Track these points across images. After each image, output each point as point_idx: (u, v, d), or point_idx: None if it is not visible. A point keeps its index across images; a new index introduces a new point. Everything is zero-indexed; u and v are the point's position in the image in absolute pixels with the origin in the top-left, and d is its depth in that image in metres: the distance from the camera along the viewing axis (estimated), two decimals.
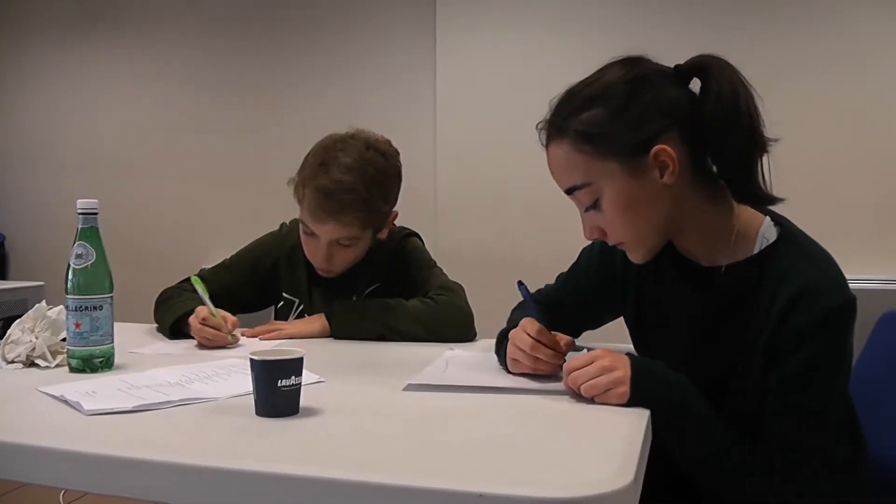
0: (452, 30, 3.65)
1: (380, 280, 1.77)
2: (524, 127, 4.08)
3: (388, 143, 1.71)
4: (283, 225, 1.88)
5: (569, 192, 1.20)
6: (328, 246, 1.66)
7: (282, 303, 1.82)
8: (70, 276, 1.30)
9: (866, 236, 3.15)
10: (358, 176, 1.59)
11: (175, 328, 1.64)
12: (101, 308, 1.30)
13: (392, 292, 1.71)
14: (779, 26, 3.21)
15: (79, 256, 1.30)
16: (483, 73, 3.60)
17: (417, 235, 1.85)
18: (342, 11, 3.84)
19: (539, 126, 1.20)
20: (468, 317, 1.66)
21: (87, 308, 1.29)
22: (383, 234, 1.74)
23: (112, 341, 1.33)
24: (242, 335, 1.65)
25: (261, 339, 1.63)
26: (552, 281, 1.52)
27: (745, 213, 1.20)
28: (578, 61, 1.55)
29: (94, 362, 1.30)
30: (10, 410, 1.09)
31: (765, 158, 1.14)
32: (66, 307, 1.32)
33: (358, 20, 3.82)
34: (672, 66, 1.18)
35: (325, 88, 3.86)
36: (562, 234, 1.47)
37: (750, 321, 1.15)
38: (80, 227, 1.30)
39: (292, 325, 1.69)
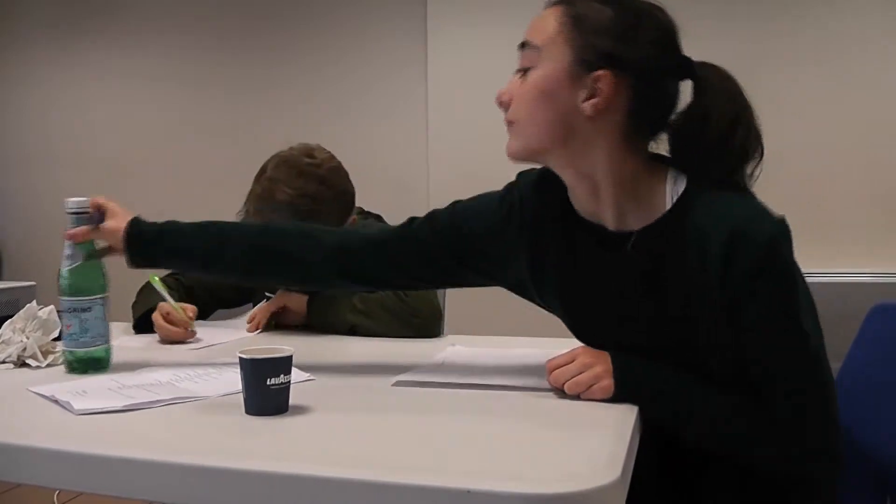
0: (443, 26, 3.64)
1: None
2: None
3: (328, 159, 1.74)
4: None
5: (521, 45, 1.17)
6: None
7: (264, 300, 1.85)
8: (60, 278, 1.29)
9: (856, 230, 3.16)
10: (286, 210, 1.64)
11: (143, 321, 1.67)
12: (90, 310, 1.28)
13: None
14: (763, 23, 3.21)
15: (68, 257, 1.28)
16: (474, 68, 3.59)
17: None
18: (333, 9, 3.84)
19: None
20: (436, 310, 1.66)
21: (76, 310, 1.27)
22: None
23: (105, 342, 1.30)
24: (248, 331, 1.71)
25: (257, 331, 1.68)
26: None
27: (651, 169, 1.16)
28: None
29: (87, 363, 1.28)
30: (0, 410, 1.09)
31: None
32: (59, 309, 1.31)
33: (349, 17, 3.82)
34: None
35: (317, 86, 3.85)
36: None
37: (686, 278, 1.10)
38: (69, 226, 1.29)
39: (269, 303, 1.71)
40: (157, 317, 1.60)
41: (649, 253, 1.13)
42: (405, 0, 3.70)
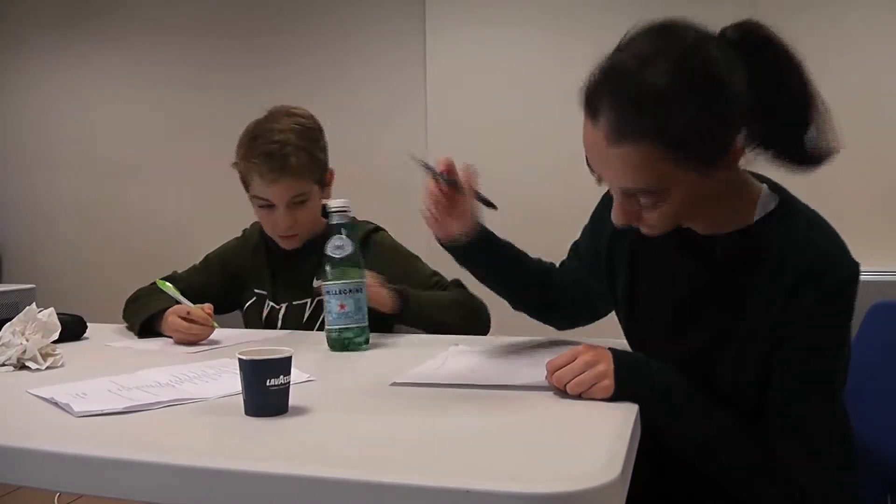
0: (442, 26, 3.65)
1: None
2: (515, 122, 4.09)
3: (305, 110, 1.91)
4: (244, 231, 2.01)
5: (624, 190, 1.08)
6: (287, 209, 1.77)
7: (254, 298, 1.90)
8: (330, 264, 1.46)
9: (856, 228, 3.14)
10: (288, 134, 1.76)
11: (146, 326, 1.67)
12: (360, 290, 1.47)
13: None
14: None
15: (338, 248, 1.46)
16: (473, 69, 3.60)
17: (385, 231, 1.90)
18: (333, 9, 3.84)
19: (607, 118, 1.02)
20: (484, 307, 1.73)
21: (350, 291, 1.46)
22: (328, 193, 1.86)
23: (366, 319, 1.48)
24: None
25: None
26: None
27: (746, 180, 1.16)
28: (568, 57, 1.58)
29: (355, 340, 1.46)
30: (0, 413, 1.09)
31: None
32: (327, 292, 1.46)
33: (348, 17, 3.82)
34: (715, 33, 1.10)
35: (316, 86, 3.86)
36: (555, 229, 1.47)
37: (748, 292, 1.11)
38: (337, 222, 1.47)
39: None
40: (174, 318, 1.60)
41: (725, 258, 1.15)
42: (404, 2, 3.70)
